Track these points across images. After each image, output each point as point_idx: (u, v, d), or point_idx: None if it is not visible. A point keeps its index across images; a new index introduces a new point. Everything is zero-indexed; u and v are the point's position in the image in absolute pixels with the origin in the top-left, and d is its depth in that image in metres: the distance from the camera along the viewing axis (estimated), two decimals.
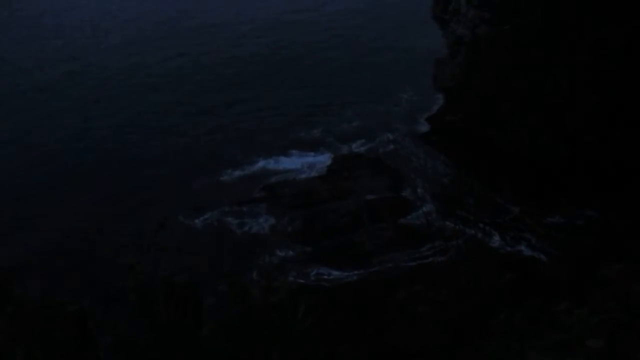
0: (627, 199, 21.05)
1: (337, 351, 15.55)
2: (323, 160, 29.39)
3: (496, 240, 22.80)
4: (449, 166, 28.20)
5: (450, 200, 25.75)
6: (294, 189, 27.00)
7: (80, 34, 51.50)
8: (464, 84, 28.14)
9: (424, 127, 31.66)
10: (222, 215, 25.28)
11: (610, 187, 21.63)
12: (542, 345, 7.85)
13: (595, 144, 22.35)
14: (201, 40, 47.45)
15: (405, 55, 40.63)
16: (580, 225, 22.74)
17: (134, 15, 54.91)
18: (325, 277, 21.36)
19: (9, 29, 54.31)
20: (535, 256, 21.65)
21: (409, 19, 45.98)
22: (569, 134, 23.17)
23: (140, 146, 31.95)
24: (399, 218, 24.52)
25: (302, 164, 29.16)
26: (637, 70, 21.34)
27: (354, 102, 35.07)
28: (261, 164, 29.26)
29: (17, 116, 36.20)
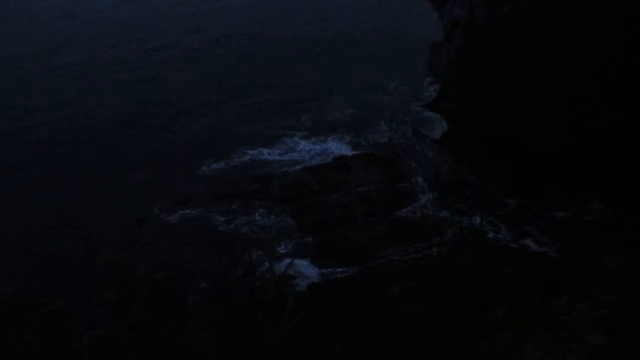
0: (631, 191, 20.39)
1: (328, 350, 14.96)
2: (314, 150, 28.62)
3: (494, 233, 22.18)
4: (445, 155, 27.52)
5: (446, 192, 25.08)
6: (284, 181, 26.19)
7: (66, 26, 50.56)
8: (461, 69, 27.39)
9: (419, 115, 30.90)
10: (207, 209, 24.47)
11: (616, 178, 20.97)
12: (542, 342, 7.17)
13: (600, 132, 21.70)
14: (188, 32, 46.61)
15: (401, 41, 39.79)
16: (582, 218, 22.05)
17: (120, 8, 53.98)
18: (316, 273, 20.78)
19: None
20: (535, 250, 21.03)
21: (403, 3, 45.08)
22: (571, 121, 22.53)
23: (120, 139, 31.13)
24: (394, 211, 23.90)
25: (292, 155, 28.33)
26: None
27: (347, 91, 34.29)
28: (249, 155, 28.41)
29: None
